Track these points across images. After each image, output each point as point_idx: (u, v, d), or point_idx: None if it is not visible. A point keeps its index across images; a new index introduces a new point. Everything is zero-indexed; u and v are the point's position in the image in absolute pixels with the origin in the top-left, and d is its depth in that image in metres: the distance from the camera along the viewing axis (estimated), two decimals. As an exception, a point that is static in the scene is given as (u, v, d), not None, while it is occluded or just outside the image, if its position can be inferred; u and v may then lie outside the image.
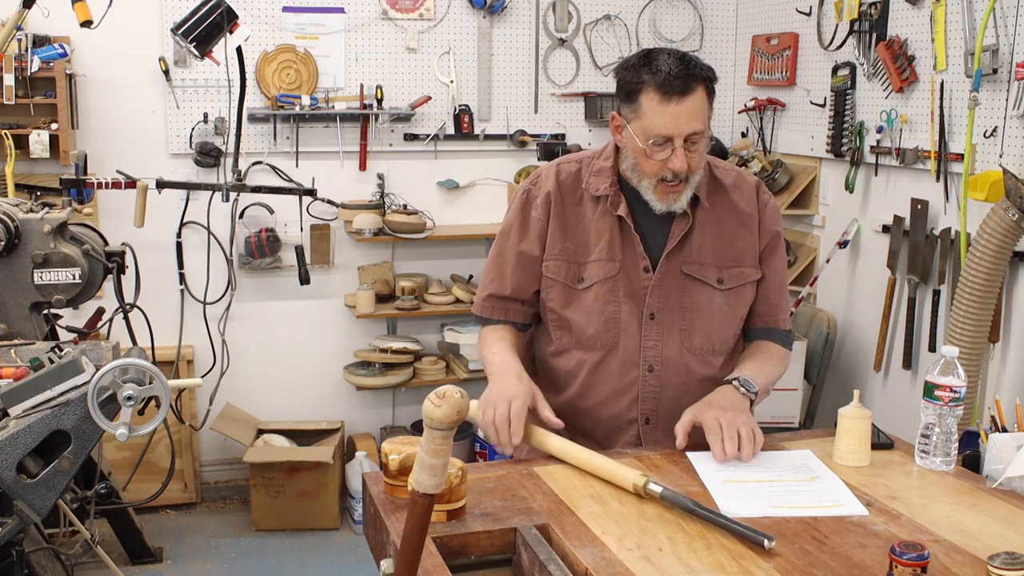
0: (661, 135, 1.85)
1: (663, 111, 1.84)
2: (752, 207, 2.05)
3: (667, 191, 1.92)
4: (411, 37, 4.00)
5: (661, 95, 1.83)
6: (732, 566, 1.43)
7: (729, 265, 2.02)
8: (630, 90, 1.89)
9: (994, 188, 2.77)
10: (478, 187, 4.21)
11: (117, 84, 3.75)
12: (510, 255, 2.07)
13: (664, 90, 1.83)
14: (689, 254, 2.00)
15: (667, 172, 1.89)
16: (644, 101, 1.86)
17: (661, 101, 1.84)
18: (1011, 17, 2.83)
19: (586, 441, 1.98)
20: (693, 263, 2.00)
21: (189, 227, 3.90)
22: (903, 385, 3.39)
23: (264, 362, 4.10)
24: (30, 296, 2.60)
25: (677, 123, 1.84)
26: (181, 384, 2.40)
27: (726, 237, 2.02)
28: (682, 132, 1.85)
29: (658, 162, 1.88)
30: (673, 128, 1.84)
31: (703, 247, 2.01)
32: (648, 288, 1.98)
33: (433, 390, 1.23)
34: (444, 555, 1.45)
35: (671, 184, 1.91)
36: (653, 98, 1.84)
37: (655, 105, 1.84)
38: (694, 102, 1.84)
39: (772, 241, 2.07)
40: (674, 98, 1.83)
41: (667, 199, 1.93)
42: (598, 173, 2.03)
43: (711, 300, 2.01)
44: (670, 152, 1.86)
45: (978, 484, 1.75)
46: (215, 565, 3.54)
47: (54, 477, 1.91)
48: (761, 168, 3.87)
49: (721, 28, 4.35)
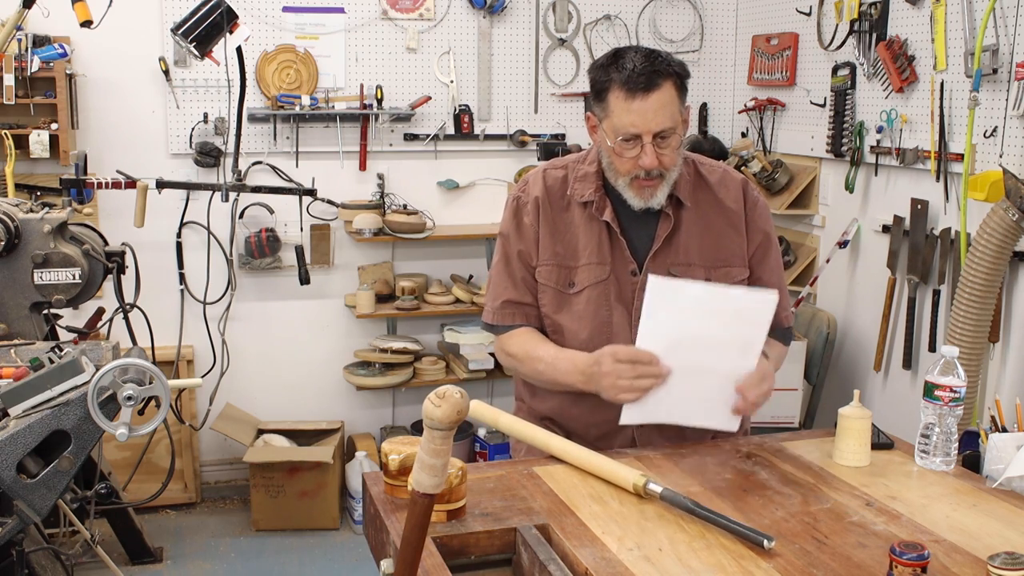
0: (629, 132, 1.86)
1: (629, 108, 1.85)
2: (739, 205, 2.04)
3: (642, 186, 1.92)
4: (411, 37, 4.00)
5: (626, 92, 1.84)
6: (732, 566, 1.43)
7: (717, 265, 2.01)
8: (599, 89, 1.90)
9: (994, 188, 2.77)
10: (478, 187, 4.21)
11: (117, 84, 3.75)
12: (516, 260, 2.07)
13: (628, 87, 1.84)
14: (676, 255, 2.00)
15: (638, 170, 1.89)
16: (611, 99, 1.87)
17: (626, 98, 1.85)
18: (1011, 17, 2.83)
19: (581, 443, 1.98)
20: (680, 264, 1.99)
21: (189, 227, 3.90)
22: (903, 385, 3.39)
23: (264, 362, 4.10)
24: (30, 296, 2.60)
25: (643, 120, 1.84)
26: (181, 384, 2.40)
27: (712, 236, 2.02)
28: (649, 129, 1.85)
29: (630, 159, 1.89)
30: (640, 125, 1.85)
31: (690, 247, 2.00)
32: (635, 291, 1.98)
33: (433, 390, 1.23)
34: (444, 555, 1.45)
35: (645, 180, 1.91)
36: (619, 96, 1.86)
37: (621, 103, 1.85)
38: (661, 98, 1.84)
39: (763, 242, 2.06)
40: (638, 95, 1.84)
41: (643, 195, 1.93)
42: (583, 179, 2.03)
43: None
44: (639, 149, 1.87)
45: (978, 484, 1.75)
46: (215, 565, 3.54)
47: (54, 477, 1.91)
48: (761, 168, 3.87)
49: (721, 28, 4.35)
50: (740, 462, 1.85)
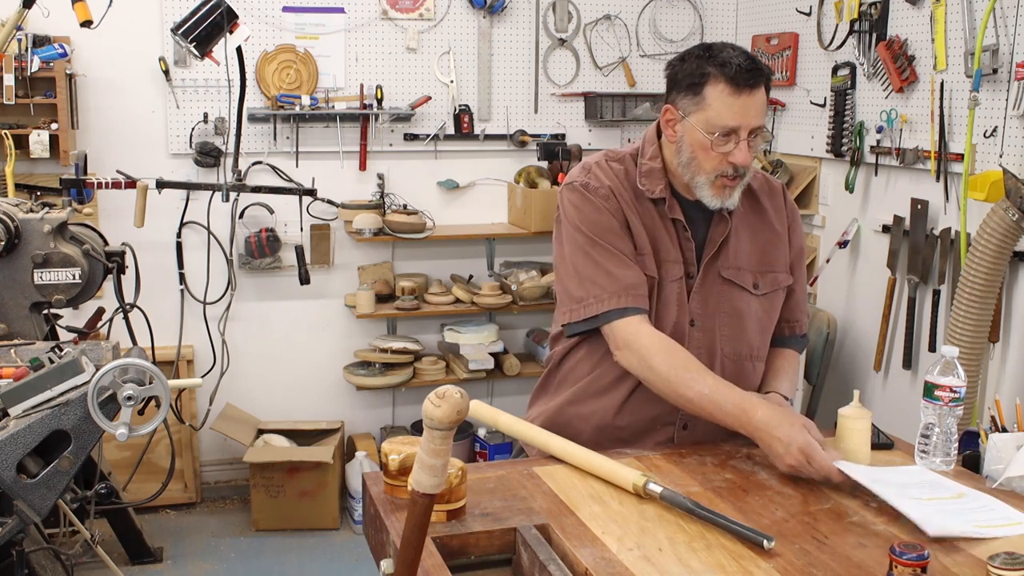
0: (728, 127, 1.84)
1: (733, 103, 1.82)
2: (782, 213, 2.07)
3: (724, 186, 1.89)
4: (411, 37, 4.00)
5: (732, 87, 1.82)
6: (732, 566, 1.43)
7: (764, 270, 2.01)
8: (693, 82, 1.86)
9: (994, 188, 2.76)
10: (478, 187, 4.21)
11: (117, 84, 3.75)
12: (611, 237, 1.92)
13: (735, 82, 1.82)
14: (727, 259, 1.98)
15: (727, 167, 1.87)
16: (711, 93, 1.84)
17: (732, 93, 1.82)
18: (1011, 17, 2.83)
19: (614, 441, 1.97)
20: (731, 267, 1.98)
21: (189, 227, 3.90)
22: (903, 385, 3.39)
23: (264, 362, 4.10)
24: (30, 296, 2.60)
25: (746, 115, 1.83)
26: (181, 384, 2.41)
27: (760, 242, 2.02)
28: (749, 124, 1.84)
29: (719, 156, 1.86)
30: (741, 120, 1.83)
31: (739, 252, 1.99)
32: (690, 294, 1.97)
33: (433, 390, 1.23)
34: (444, 555, 1.45)
35: (729, 179, 1.89)
36: (723, 90, 1.83)
37: (724, 96, 1.83)
38: (761, 96, 1.85)
39: (799, 252, 2.10)
40: (744, 90, 1.82)
41: (723, 194, 1.90)
42: (649, 174, 1.97)
43: (748, 305, 1.99)
44: (734, 146, 1.85)
45: (978, 484, 1.75)
46: (215, 565, 3.54)
47: (54, 477, 1.92)
48: (761, 168, 3.87)
49: (721, 28, 4.35)
50: (740, 462, 1.85)
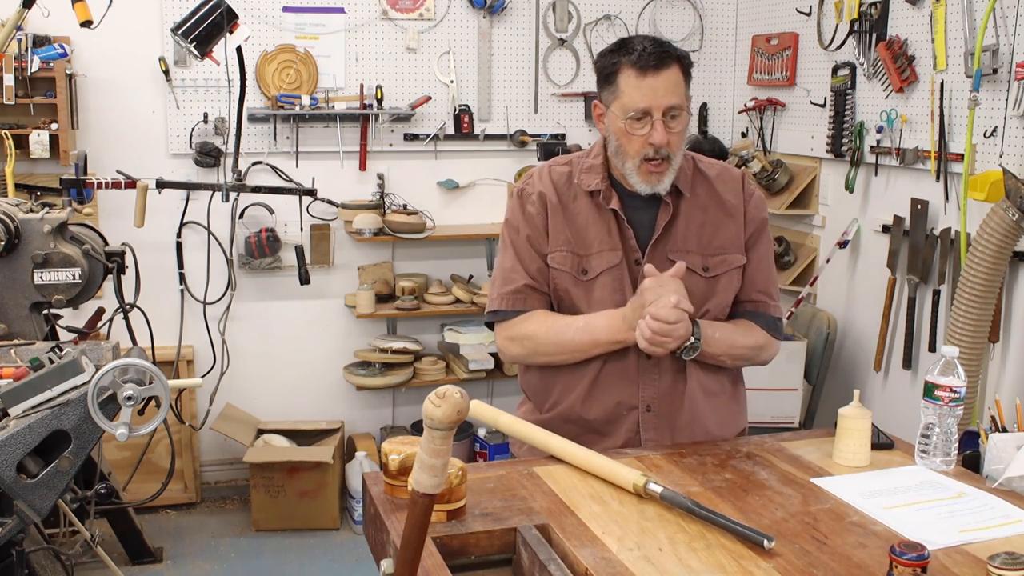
0: (639, 108, 1.91)
1: (640, 85, 1.90)
2: (738, 198, 2.09)
3: (650, 171, 1.95)
4: (411, 37, 4.00)
5: (637, 71, 1.91)
6: (732, 566, 1.43)
7: (714, 253, 2.05)
8: (608, 73, 1.96)
9: (994, 188, 2.77)
10: (478, 187, 4.21)
11: (117, 84, 3.75)
12: (525, 246, 2.07)
13: (639, 65, 1.90)
14: (674, 242, 2.03)
15: (648, 149, 1.93)
16: (621, 80, 1.93)
17: (637, 76, 1.91)
18: (1011, 17, 2.83)
19: (586, 433, 2.01)
20: (678, 251, 2.03)
21: (189, 227, 3.90)
22: (903, 385, 3.39)
23: (264, 362, 4.10)
24: (30, 296, 2.60)
25: (654, 95, 1.90)
26: (181, 384, 2.40)
27: (710, 226, 2.06)
28: (660, 104, 1.90)
29: (639, 138, 1.93)
30: (651, 100, 1.90)
31: (688, 235, 2.04)
32: (639, 279, 2.00)
33: (433, 390, 1.23)
34: (444, 555, 1.45)
35: (654, 163, 1.94)
36: (630, 75, 1.92)
37: (632, 80, 1.91)
38: (670, 76, 1.91)
39: (758, 228, 2.10)
40: (649, 72, 1.90)
41: (650, 179, 1.96)
42: (588, 170, 2.07)
43: (697, 287, 2.02)
44: (650, 127, 1.91)
45: (978, 484, 1.75)
46: (215, 565, 3.54)
47: (54, 477, 1.91)
48: (761, 168, 3.87)
49: (721, 28, 4.35)
50: (740, 462, 1.85)
